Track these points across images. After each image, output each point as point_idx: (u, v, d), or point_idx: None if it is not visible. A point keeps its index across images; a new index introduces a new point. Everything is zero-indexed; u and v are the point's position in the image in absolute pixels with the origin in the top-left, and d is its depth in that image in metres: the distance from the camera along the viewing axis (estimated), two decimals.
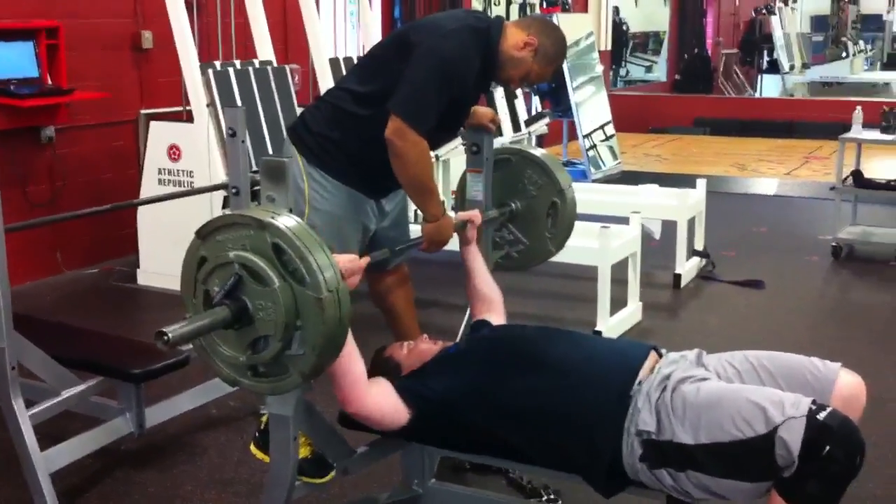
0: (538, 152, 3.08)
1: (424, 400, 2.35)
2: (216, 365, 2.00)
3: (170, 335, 1.79)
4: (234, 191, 3.46)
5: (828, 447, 1.94)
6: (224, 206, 5.12)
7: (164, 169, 5.41)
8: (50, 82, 5.26)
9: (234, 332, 1.94)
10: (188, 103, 5.36)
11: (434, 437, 2.49)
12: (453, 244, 2.98)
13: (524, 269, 3.21)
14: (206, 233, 1.96)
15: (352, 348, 2.21)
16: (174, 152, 5.37)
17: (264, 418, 2.67)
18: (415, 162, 2.81)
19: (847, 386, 2.22)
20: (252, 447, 2.89)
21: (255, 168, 3.77)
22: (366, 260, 2.34)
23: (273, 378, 1.97)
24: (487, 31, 2.89)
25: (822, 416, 1.97)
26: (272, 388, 1.98)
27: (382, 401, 2.32)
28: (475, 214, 2.91)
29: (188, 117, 5.40)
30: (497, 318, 2.81)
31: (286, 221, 1.89)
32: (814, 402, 2.02)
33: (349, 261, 2.22)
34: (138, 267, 5.58)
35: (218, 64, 5.37)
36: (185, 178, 5.34)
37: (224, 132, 3.44)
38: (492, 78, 3.03)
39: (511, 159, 3.08)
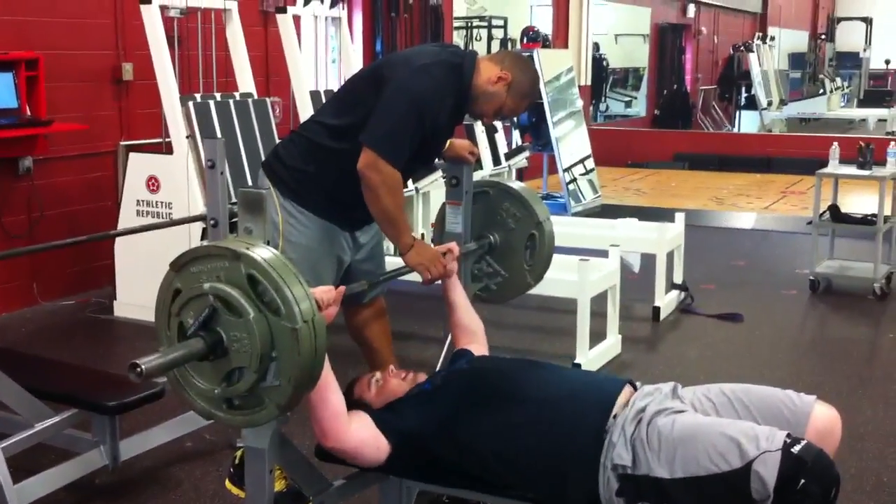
0: (516, 185, 3.10)
1: (401, 435, 2.33)
2: (190, 398, 1.98)
3: (143, 367, 1.78)
4: (212, 222, 3.45)
5: (803, 481, 1.94)
6: (202, 238, 5.10)
7: (143, 200, 5.39)
8: (29, 113, 5.24)
9: (208, 364, 1.92)
10: (168, 135, 5.35)
11: (411, 471, 2.47)
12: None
13: (503, 301, 3.22)
14: (180, 264, 1.95)
15: (330, 379, 2.20)
16: (153, 184, 5.36)
17: (239, 453, 2.65)
18: (387, 193, 2.81)
19: (822, 418, 2.22)
20: (227, 482, 2.87)
21: (234, 200, 3.76)
22: (342, 291, 2.33)
23: (248, 410, 1.95)
24: (461, 67, 2.91)
25: (796, 449, 1.98)
26: (248, 420, 1.97)
27: (363, 435, 2.30)
28: (453, 246, 2.92)
29: (167, 149, 5.40)
30: (479, 348, 2.81)
31: (261, 252, 1.89)
32: (788, 435, 2.02)
33: (325, 291, 2.21)
34: (115, 298, 5.54)
35: (198, 96, 5.38)
36: (163, 210, 5.33)
37: (203, 164, 3.43)
38: (465, 112, 3.04)
39: (489, 192, 3.09)
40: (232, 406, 1.96)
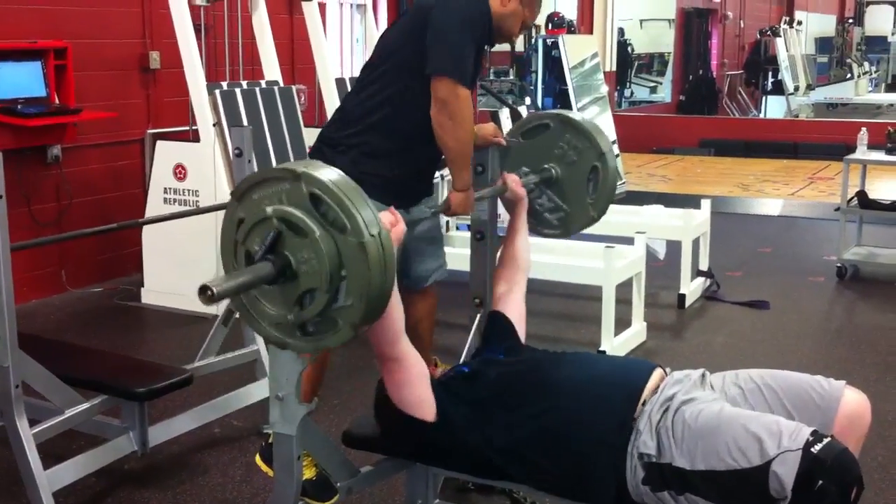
0: (578, 116, 3.00)
1: (445, 413, 2.32)
2: (262, 327, 1.95)
3: (214, 289, 1.75)
4: None
5: (820, 481, 1.92)
6: None
7: (170, 188, 5.43)
8: (57, 102, 5.29)
9: (278, 289, 1.89)
10: (195, 123, 5.38)
11: (440, 457, 2.47)
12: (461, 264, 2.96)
13: (565, 236, 3.11)
14: (241, 192, 1.92)
15: (395, 298, 2.17)
16: (180, 172, 5.39)
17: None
18: (464, 122, 2.82)
19: (852, 403, 2.21)
20: (257, 457, 2.89)
21: None
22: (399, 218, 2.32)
23: (322, 335, 1.92)
24: None
25: (816, 448, 1.95)
26: (323, 344, 1.93)
27: (409, 362, 2.28)
28: (510, 176, 2.91)
29: (194, 137, 5.42)
30: (516, 294, 2.79)
31: (322, 171, 1.86)
32: (813, 432, 2.00)
33: (384, 215, 2.19)
34: (143, 286, 5.59)
35: (225, 84, 5.40)
36: (190, 198, 5.36)
37: (230, 152, 3.45)
38: (493, 39, 3.05)
39: (549, 124, 3.00)
40: (306, 332, 1.92)
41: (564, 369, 2.41)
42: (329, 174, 1.86)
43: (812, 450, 1.95)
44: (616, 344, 4.59)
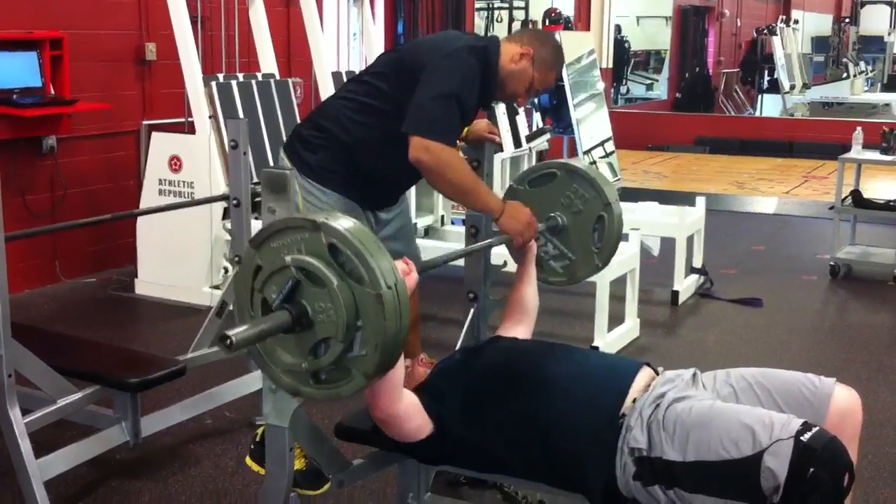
0: (584, 165, 3.03)
1: (441, 419, 2.32)
2: (275, 374, 1.96)
3: (233, 338, 1.75)
4: (234, 202, 3.48)
5: (812, 469, 1.94)
6: (224, 218, 5.13)
7: (165, 180, 5.42)
8: (53, 92, 5.28)
9: (294, 337, 1.90)
10: (190, 115, 5.37)
11: (436, 457, 2.48)
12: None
13: (570, 283, 3.13)
14: (259, 241, 1.94)
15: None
16: (175, 163, 5.38)
17: (260, 430, 2.67)
18: (448, 169, 2.78)
19: (843, 400, 2.22)
20: (248, 459, 2.89)
21: (255, 180, 3.79)
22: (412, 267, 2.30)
23: (335, 384, 1.93)
24: (486, 50, 2.90)
25: (806, 437, 1.96)
26: (336, 393, 1.94)
27: (412, 410, 2.28)
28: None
29: (190, 129, 5.42)
30: (524, 331, 2.80)
31: (341, 222, 1.87)
32: (804, 423, 2.01)
33: (397, 264, 2.19)
34: (136, 277, 5.58)
35: (221, 76, 5.40)
36: (185, 189, 5.36)
37: (226, 144, 3.45)
38: (494, 97, 3.04)
39: (557, 173, 3.00)
40: (319, 380, 1.93)
41: (551, 365, 2.41)
42: (347, 224, 1.88)
43: (802, 438, 1.96)
44: (609, 340, 4.60)
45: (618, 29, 13.60)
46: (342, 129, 2.95)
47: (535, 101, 8.80)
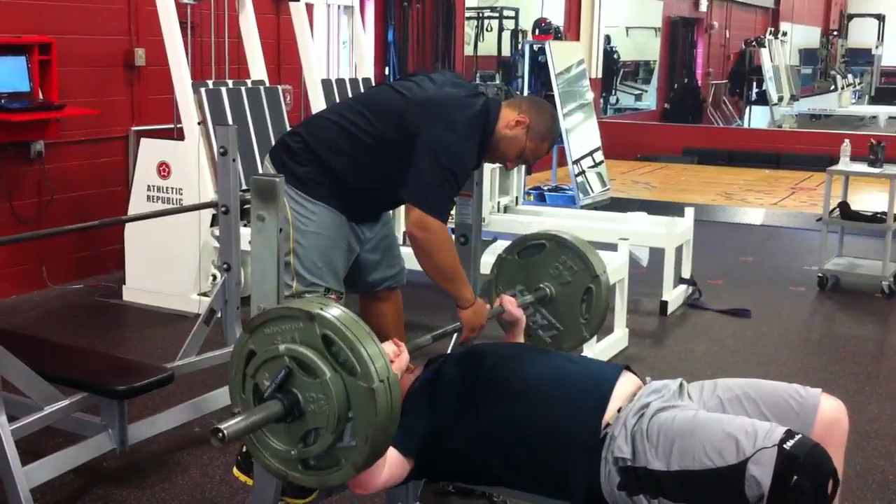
0: (572, 237, 3.05)
1: (419, 448, 2.31)
2: (265, 459, 1.97)
3: (225, 432, 1.77)
4: (223, 209, 3.48)
5: (795, 477, 1.94)
6: (213, 225, 5.12)
7: (153, 186, 5.41)
8: (41, 97, 5.26)
9: (284, 425, 1.92)
10: (179, 121, 5.36)
11: (427, 474, 2.47)
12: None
13: None
14: (253, 326, 1.96)
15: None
16: (164, 170, 5.37)
17: None
18: (439, 250, 2.82)
19: (829, 410, 2.22)
20: (235, 469, 2.88)
21: (244, 187, 3.77)
22: (402, 347, 2.34)
23: (324, 471, 1.94)
24: (487, 115, 2.92)
25: (788, 445, 1.97)
26: (324, 481, 1.96)
27: (390, 473, 2.26)
28: (508, 298, 2.91)
29: (179, 135, 5.41)
30: None
31: (334, 312, 1.89)
32: (787, 431, 2.02)
33: (387, 345, 2.21)
34: (124, 283, 5.56)
35: (210, 83, 5.39)
36: (173, 196, 5.34)
37: (215, 150, 3.44)
38: (486, 158, 3.05)
39: (545, 244, 3.05)
40: (308, 466, 1.95)
41: (531, 369, 2.40)
42: (341, 316, 1.89)
43: (785, 446, 1.97)
44: (598, 350, 4.59)
45: (607, 39, 13.64)
46: (331, 154, 2.96)
47: None
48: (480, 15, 10.88)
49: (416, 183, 2.80)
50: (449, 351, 3.06)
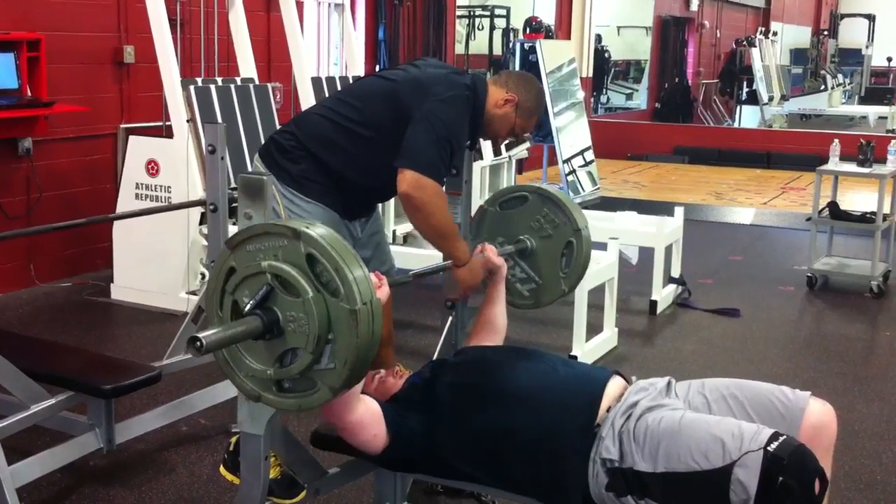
0: (556, 191, 3.05)
1: (400, 433, 2.32)
2: (238, 379, 1.94)
3: (203, 341, 1.74)
4: (212, 207, 3.45)
5: (780, 478, 1.94)
6: (201, 223, 5.10)
7: (142, 184, 5.39)
8: (29, 94, 5.23)
9: (262, 343, 1.88)
10: (168, 119, 5.34)
11: (403, 466, 2.47)
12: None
13: (535, 307, 3.14)
14: (236, 242, 1.91)
15: None
16: (152, 167, 5.35)
17: (234, 439, 2.65)
18: (436, 209, 2.82)
19: (817, 414, 2.22)
20: (221, 468, 2.87)
21: (233, 185, 3.76)
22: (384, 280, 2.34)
23: (299, 393, 1.91)
24: (475, 93, 2.95)
25: (773, 446, 1.97)
26: (298, 403, 1.92)
27: (366, 417, 2.27)
28: (489, 246, 2.92)
29: (167, 132, 5.39)
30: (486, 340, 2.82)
31: (321, 232, 1.86)
32: (773, 433, 2.01)
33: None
34: (112, 281, 5.54)
35: (200, 80, 5.37)
36: (162, 194, 5.32)
37: (204, 148, 3.42)
38: (478, 135, 3.08)
39: (528, 196, 3.04)
40: (282, 388, 1.92)
41: (522, 376, 2.40)
42: (327, 235, 1.86)
43: (770, 448, 1.97)
44: (587, 349, 4.60)
45: (598, 38, 13.65)
46: (325, 150, 2.96)
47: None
48: (472, 13, 10.87)
49: (409, 148, 2.81)
50: (438, 349, 3.05)
